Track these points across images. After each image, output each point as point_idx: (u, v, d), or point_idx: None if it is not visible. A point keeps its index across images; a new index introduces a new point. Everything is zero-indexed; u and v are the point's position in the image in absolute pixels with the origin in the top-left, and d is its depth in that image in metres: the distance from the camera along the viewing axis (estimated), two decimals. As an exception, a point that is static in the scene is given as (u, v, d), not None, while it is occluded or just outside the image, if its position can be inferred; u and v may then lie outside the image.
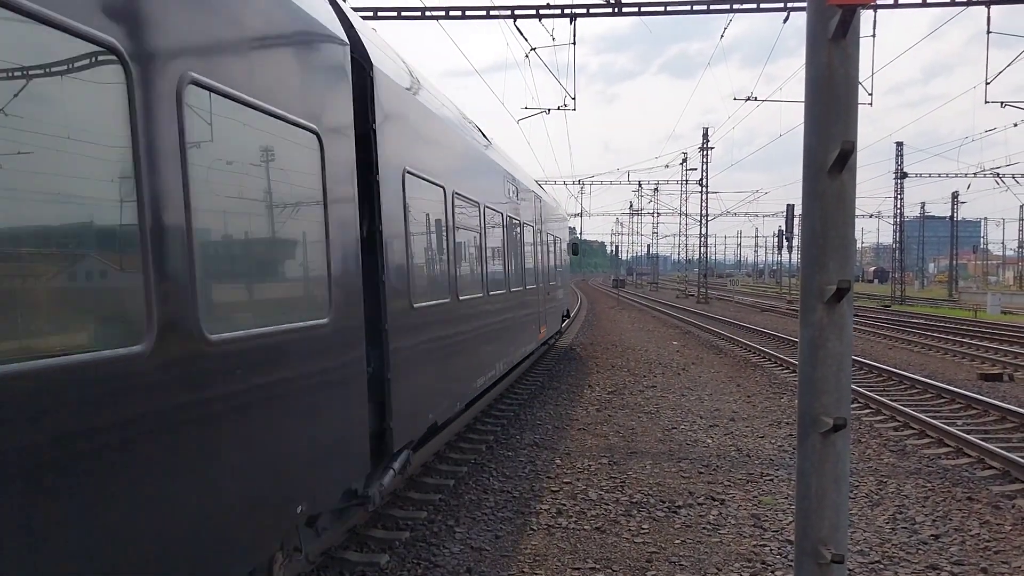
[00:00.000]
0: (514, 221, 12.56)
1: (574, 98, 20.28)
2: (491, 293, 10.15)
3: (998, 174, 48.05)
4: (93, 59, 2.63)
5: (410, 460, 6.63)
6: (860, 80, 2.83)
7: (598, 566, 6.14)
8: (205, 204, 3.30)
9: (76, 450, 2.48)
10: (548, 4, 17.76)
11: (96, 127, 2.67)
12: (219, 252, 3.59)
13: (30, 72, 2.41)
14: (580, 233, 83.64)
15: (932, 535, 6.85)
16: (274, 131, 3.99)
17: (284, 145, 4.11)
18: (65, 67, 2.53)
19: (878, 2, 17.14)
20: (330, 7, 5.15)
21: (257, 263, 4.00)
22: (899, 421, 11.57)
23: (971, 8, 17.23)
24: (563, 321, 22.63)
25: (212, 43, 3.42)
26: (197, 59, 3.25)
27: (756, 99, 27.31)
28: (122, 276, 2.79)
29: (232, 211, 3.67)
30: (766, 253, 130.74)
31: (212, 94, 3.39)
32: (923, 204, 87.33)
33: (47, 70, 2.48)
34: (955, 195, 70.84)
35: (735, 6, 17.58)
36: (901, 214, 55.16)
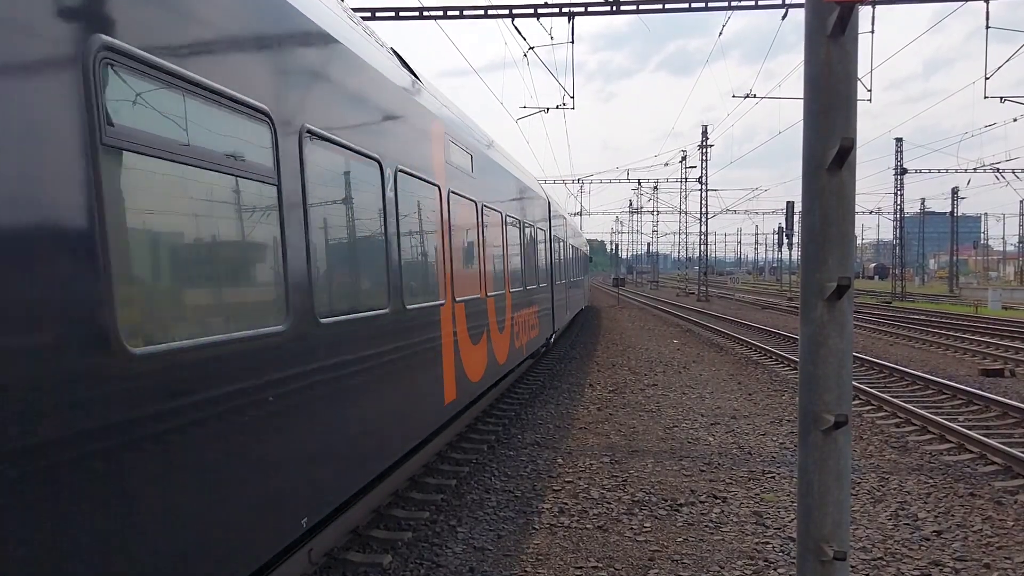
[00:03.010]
0: (569, 244, 20.62)
1: (573, 97, 20.29)
2: (557, 283, 19.42)
3: (998, 169, 48.03)
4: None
5: None
6: (859, 76, 2.83)
7: (600, 565, 6.14)
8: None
9: None
10: (546, 3, 17.76)
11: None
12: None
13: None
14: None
15: (934, 531, 6.85)
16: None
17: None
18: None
19: (876, -2, 17.12)
20: None
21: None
22: (900, 417, 11.57)
23: (970, 3, 17.22)
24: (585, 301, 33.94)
25: None
26: None
27: (755, 96, 27.30)
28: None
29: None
30: (766, 250, 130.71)
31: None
32: (923, 200, 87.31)
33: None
34: (955, 191, 70.81)
35: (733, 3, 17.58)
36: (901, 210, 55.11)
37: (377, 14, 17.73)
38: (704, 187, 52.70)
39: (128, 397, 2.83)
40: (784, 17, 17.96)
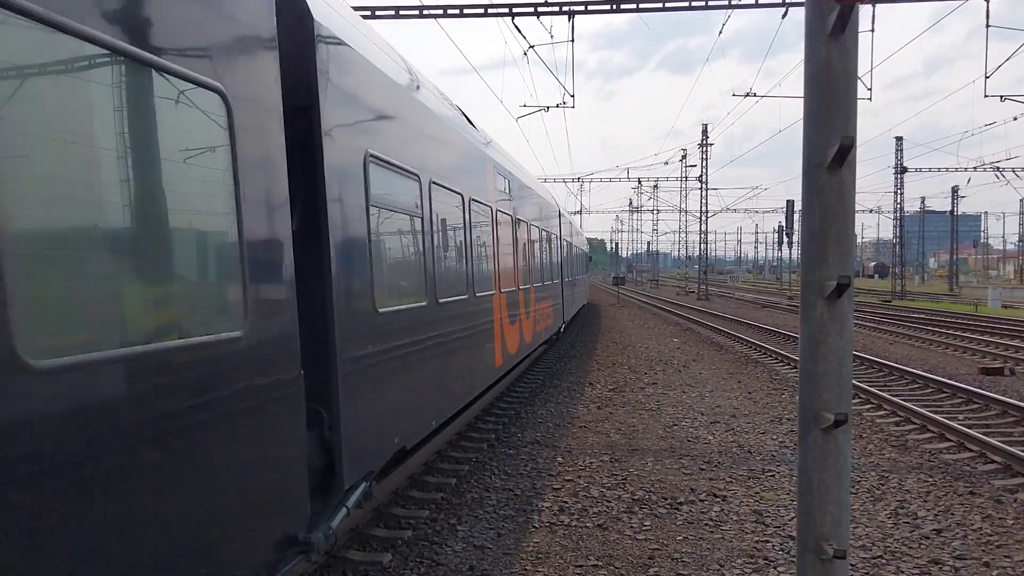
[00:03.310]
0: (566, 241, 22.18)
1: (573, 95, 20.28)
2: (565, 279, 21.31)
3: (998, 168, 48.04)
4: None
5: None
6: (860, 75, 2.83)
7: (600, 563, 6.14)
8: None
9: None
10: (546, 1, 17.75)
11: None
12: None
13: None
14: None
15: (934, 530, 6.86)
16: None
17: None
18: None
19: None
20: None
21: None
22: (900, 416, 11.57)
23: (971, 1, 17.22)
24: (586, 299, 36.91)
25: None
26: None
27: (755, 95, 27.31)
28: None
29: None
30: (766, 249, 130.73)
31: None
32: (923, 199, 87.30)
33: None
34: (955, 189, 70.81)
35: (733, 1, 17.58)
36: (901, 209, 55.13)
37: (377, 12, 17.72)
38: (704, 186, 52.71)
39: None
40: (784, 16, 17.97)
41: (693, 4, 17.66)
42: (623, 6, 17.66)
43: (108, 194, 2.82)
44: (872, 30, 19.62)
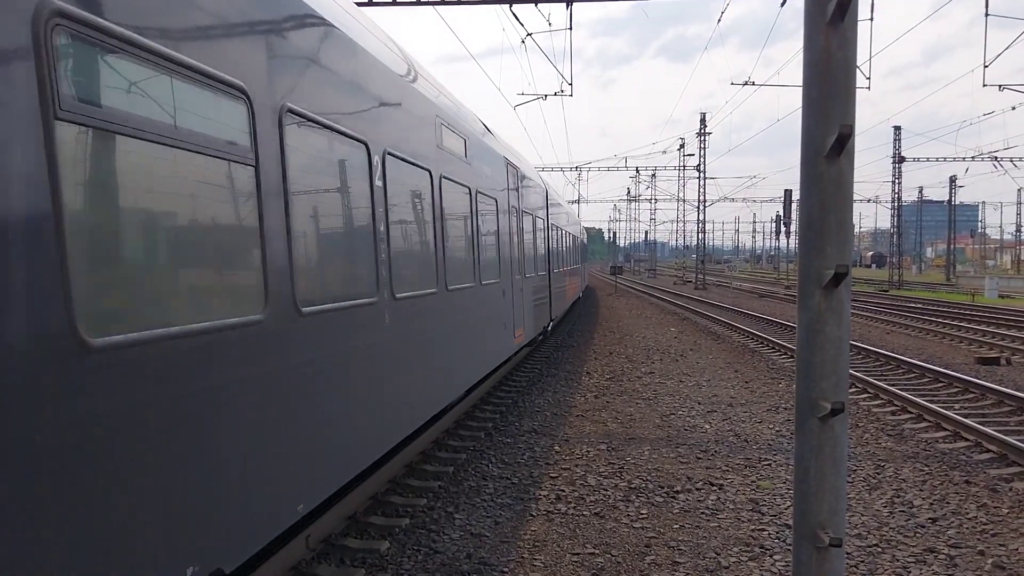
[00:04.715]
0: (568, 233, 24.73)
1: (571, 83, 20.20)
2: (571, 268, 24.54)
3: (996, 158, 48.03)
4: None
5: None
6: (859, 64, 2.82)
7: (597, 551, 6.17)
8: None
9: None
10: (544, -11, 17.61)
11: None
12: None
13: None
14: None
15: (930, 518, 6.89)
16: None
17: None
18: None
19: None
20: None
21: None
22: (897, 405, 11.61)
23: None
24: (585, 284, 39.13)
25: None
26: None
27: (754, 83, 27.23)
28: None
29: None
30: (764, 239, 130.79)
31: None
32: (921, 188, 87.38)
33: None
34: (953, 179, 70.84)
35: (732, -10, 17.47)
36: (899, 198, 55.12)
37: (374, 1, 17.60)
38: (702, 175, 52.64)
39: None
40: (783, 3, 17.88)
41: (692, -8, 17.56)
42: (622, -6, 17.54)
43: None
44: (871, 18, 19.57)
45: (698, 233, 55.67)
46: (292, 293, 4.18)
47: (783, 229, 55.71)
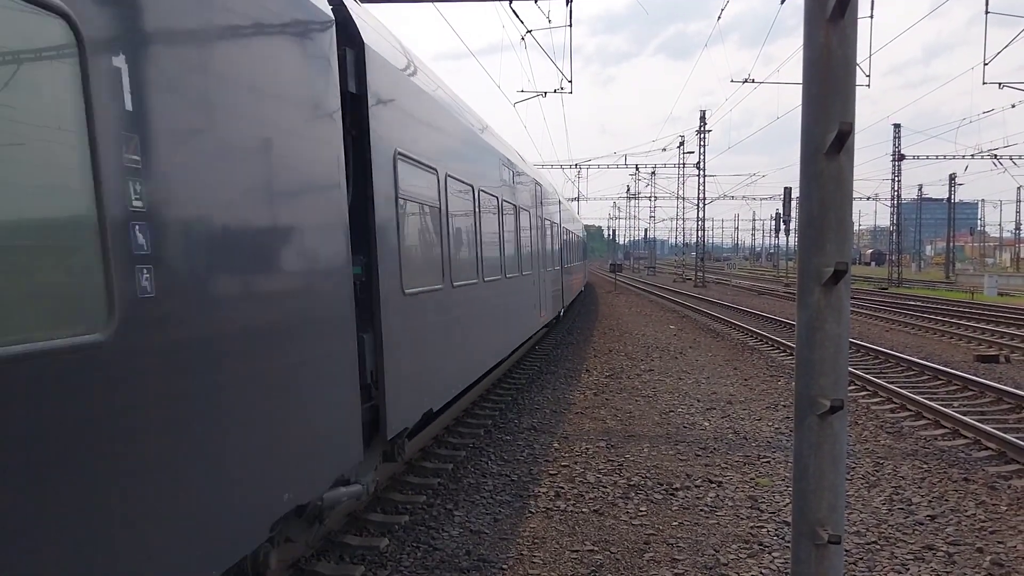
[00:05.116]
0: (566, 230, 25.37)
1: (571, 81, 20.17)
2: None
3: (995, 156, 48.04)
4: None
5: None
6: (858, 61, 2.81)
7: (596, 548, 6.18)
8: None
9: None
10: (544, -14, 17.59)
11: None
12: None
13: None
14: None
15: (928, 516, 6.90)
16: None
17: None
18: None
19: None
20: None
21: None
22: (896, 403, 11.62)
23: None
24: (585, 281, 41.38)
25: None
26: None
27: (754, 81, 27.24)
28: None
29: None
30: (763, 236, 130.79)
31: None
32: (920, 186, 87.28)
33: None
34: (952, 177, 70.76)
35: (732, -13, 17.45)
36: (898, 196, 55.10)
37: (374, -3, 17.56)
38: (702, 172, 52.61)
39: None
40: (783, 1, 17.87)
41: (692, -11, 17.54)
42: (621, -9, 17.54)
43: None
44: (871, 16, 19.55)
45: (698, 231, 55.67)
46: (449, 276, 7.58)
47: (783, 227, 55.73)
